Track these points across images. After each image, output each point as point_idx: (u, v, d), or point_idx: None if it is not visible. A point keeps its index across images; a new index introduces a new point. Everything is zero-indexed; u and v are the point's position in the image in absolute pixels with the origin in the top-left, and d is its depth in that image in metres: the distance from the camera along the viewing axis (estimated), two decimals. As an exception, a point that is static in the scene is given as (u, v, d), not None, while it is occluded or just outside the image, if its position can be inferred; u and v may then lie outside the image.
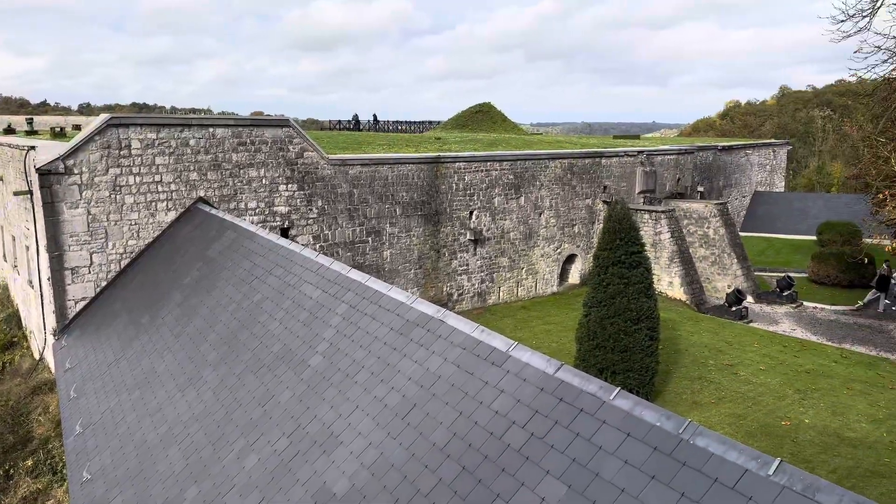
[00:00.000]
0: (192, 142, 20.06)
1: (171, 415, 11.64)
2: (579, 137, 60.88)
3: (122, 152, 18.78)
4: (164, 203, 19.70)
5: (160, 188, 19.58)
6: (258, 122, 22.11)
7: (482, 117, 63.21)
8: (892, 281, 30.72)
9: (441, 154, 27.47)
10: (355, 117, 64.80)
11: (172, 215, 19.84)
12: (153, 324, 15.47)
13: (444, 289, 27.87)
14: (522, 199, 30.15)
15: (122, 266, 19.05)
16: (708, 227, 34.18)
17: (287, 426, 9.33)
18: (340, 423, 8.61)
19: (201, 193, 20.38)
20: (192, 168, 20.12)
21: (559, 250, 32.36)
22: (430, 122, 68.47)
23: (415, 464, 7.26)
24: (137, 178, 19.13)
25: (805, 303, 31.72)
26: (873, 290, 31.76)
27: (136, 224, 19.22)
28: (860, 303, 31.53)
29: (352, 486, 7.58)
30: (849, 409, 19.14)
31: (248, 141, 21.30)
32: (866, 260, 33.26)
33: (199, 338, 13.46)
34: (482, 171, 28.42)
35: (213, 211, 19.57)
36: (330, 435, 8.56)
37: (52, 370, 18.43)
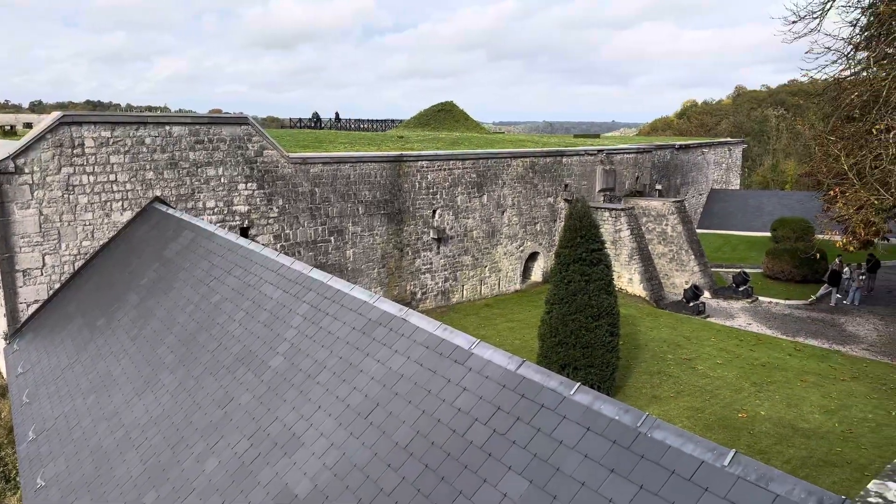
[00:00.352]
0: (147, 140, 19.66)
1: (128, 419, 11.39)
2: (541, 136, 61.43)
3: (75, 151, 18.31)
4: (120, 203, 19.27)
5: (115, 188, 19.15)
6: (216, 119, 21.75)
7: (445, 116, 63.36)
8: (844, 276, 31.66)
9: (404, 153, 27.39)
10: (315, 115, 64.36)
11: (128, 215, 19.42)
12: (109, 326, 15.12)
13: (408, 288, 27.82)
14: (485, 197, 30.26)
15: (77, 268, 18.59)
16: (666, 225, 34.77)
17: (247, 428, 9.21)
18: (302, 424, 8.53)
19: (158, 193, 19.99)
20: (148, 167, 19.72)
21: (522, 248, 32.58)
22: (393, 121, 68.43)
23: (378, 463, 7.24)
24: (91, 178, 18.68)
25: (760, 298, 32.46)
26: (825, 285, 32.64)
27: (90, 224, 18.76)
28: (813, 297, 32.39)
29: (314, 486, 7.52)
30: (803, 400, 19.66)
31: (206, 139, 20.96)
32: (819, 255, 34.10)
33: (157, 340, 13.20)
34: (445, 169, 28.44)
35: (171, 210, 19.21)
36: (291, 436, 8.48)
37: (4, 375, 17.89)
